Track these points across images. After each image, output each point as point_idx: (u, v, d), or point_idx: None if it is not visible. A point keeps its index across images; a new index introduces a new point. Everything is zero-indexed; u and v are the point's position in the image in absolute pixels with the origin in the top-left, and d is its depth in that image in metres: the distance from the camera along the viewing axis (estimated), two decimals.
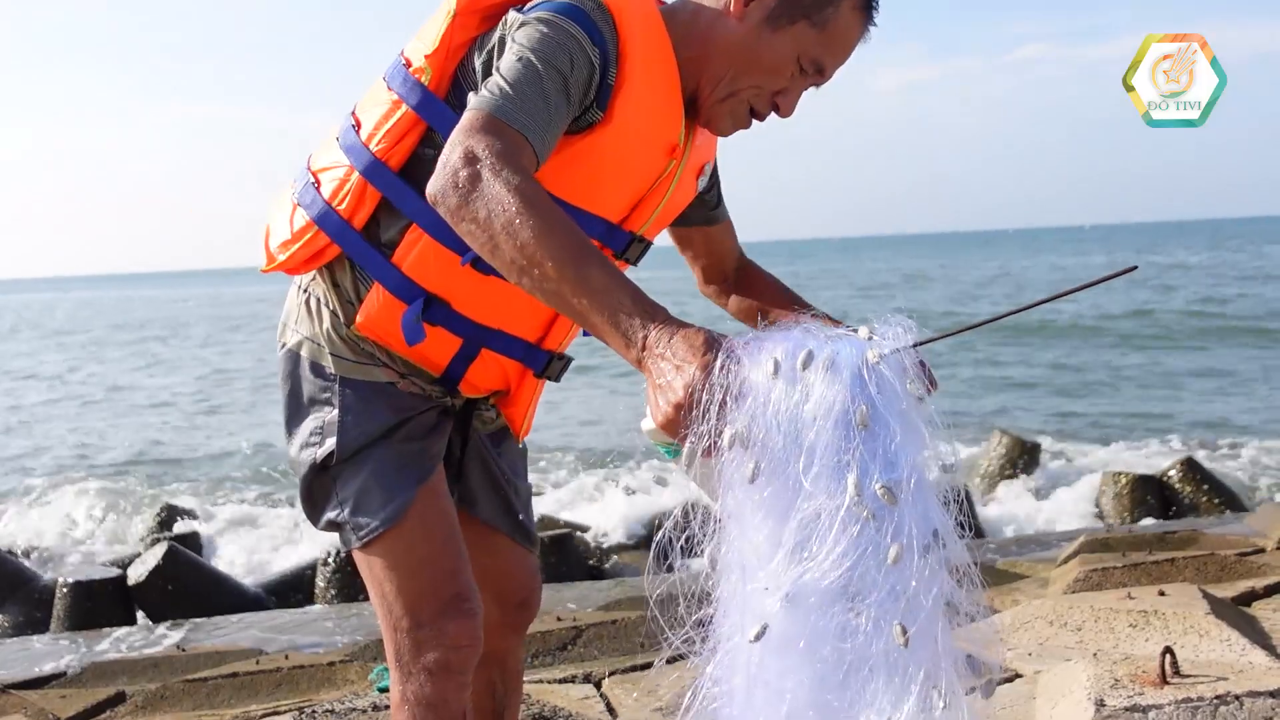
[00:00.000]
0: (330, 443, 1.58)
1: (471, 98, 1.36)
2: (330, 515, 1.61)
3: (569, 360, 1.74)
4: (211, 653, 3.93)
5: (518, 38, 1.41)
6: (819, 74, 1.53)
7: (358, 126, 1.59)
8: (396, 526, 1.56)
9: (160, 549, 5.90)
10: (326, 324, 1.61)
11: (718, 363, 1.08)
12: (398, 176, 1.54)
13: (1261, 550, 4.27)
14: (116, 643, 4.48)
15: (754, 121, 1.58)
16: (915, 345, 1.08)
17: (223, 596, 5.70)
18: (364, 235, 1.57)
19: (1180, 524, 5.74)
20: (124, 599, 5.64)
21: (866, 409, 1.04)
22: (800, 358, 1.06)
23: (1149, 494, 6.80)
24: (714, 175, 1.78)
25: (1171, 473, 6.92)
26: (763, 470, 1.06)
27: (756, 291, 1.86)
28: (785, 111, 1.56)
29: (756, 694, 1.09)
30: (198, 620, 4.90)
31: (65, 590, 5.57)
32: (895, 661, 1.03)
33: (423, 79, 1.53)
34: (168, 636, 4.54)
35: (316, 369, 1.61)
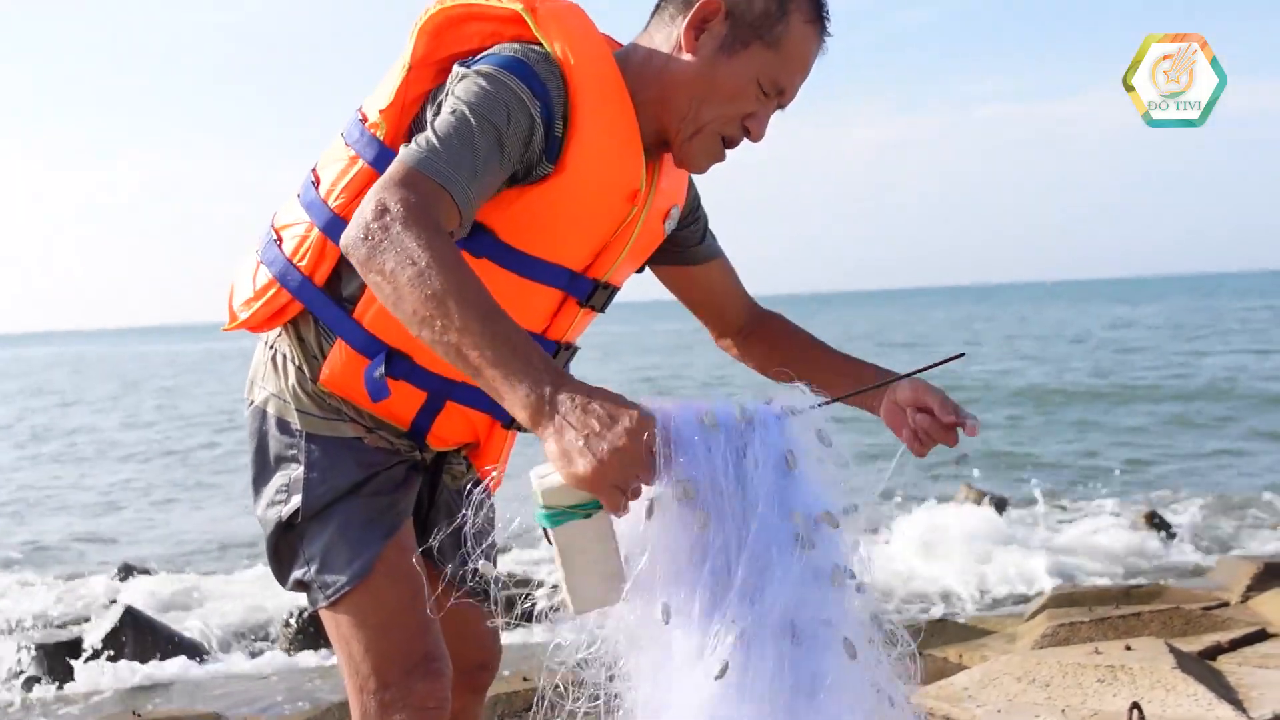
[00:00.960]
0: (295, 500, 1.56)
1: (401, 149, 1.36)
2: (297, 574, 1.58)
3: None
4: (168, 717, 3.83)
5: (456, 91, 1.41)
6: (781, 94, 1.52)
7: (317, 183, 1.59)
8: (363, 584, 1.53)
9: (117, 609, 5.77)
10: (292, 380, 1.60)
11: (653, 416, 1.10)
12: None
13: (1225, 604, 4.31)
14: (71, 706, 4.36)
15: (727, 152, 1.57)
16: (820, 404, 1.21)
17: (182, 656, 5.57)
18: (325, 291, 1.57)
19: (1145, 578, 5.77)
20: (79, 660, 5.50)
21: (794, 453, 1.16)
22: (736, 411, 1.16)
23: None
24: (694, 213, 1.76)
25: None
26: (712, 521, 1.12)
27: (785, 340, 1.81)
28: (756, 135, 1.54)
29: None
30: (155, 680, 4.79)
31: (18, 651, 5.42)
32: (847, 677, 1.14)
33: (378, 134, 1.53)
34: (124, 699, 4.43)
35: (283, 425, 1.60)
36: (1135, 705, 2.35)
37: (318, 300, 1.57)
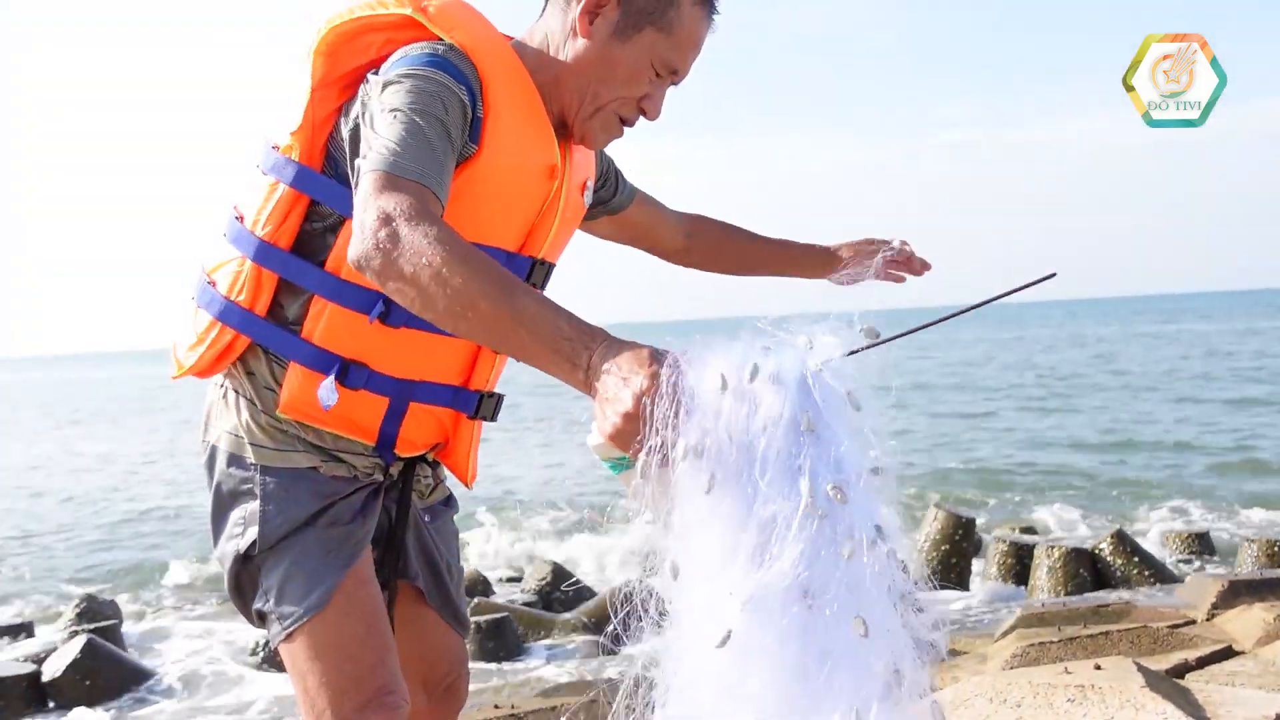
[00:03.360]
0: (252, 532, 1.56)
1: (361, 164, 1.36)
2: (257, 605, 1.57)
3: (500, 397, 1.74)
4: None
5: (386, 100, 1.42)
6: (674, 74, 1.57)
7: (241, 218, 1.61)
8: (320, 615, 1.52)
9: (78, 641, 5.67)
10: (245, 415, 1.60)
11: (664, 373, 1.08)
12: (290, 254, 1.56)
13: (1192, 622, 4.34)
14: None
15: (624, 129, 1.63)
16: (851, 353, 1.13)
17: (144, 690, 5.47)
18: (269, 319, 1.58)
19: (1113, 597, 5.80)
20: (39, 695, 5.39)
21: (812, 416, 1.09)
22: (747, 371, 1.09)
23: (1082, 567, 6.89)
24: (606, 176, 1.84)
25: (1103, 545, 7.03)
26: (717, 480, 1.08)
27: (721, 246, 2.01)
28: (652, 114, 1.60)
29: (724, 701, 1.09)
30: (119, 714, 4.70)
31: None
32: (857, 653, 1.07)
33: (293, 155, 1.55)
34: None
35: (236, 461, 1.59)
36: None
37: (263, 330, 1.58)
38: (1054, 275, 1.26)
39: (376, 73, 1.49)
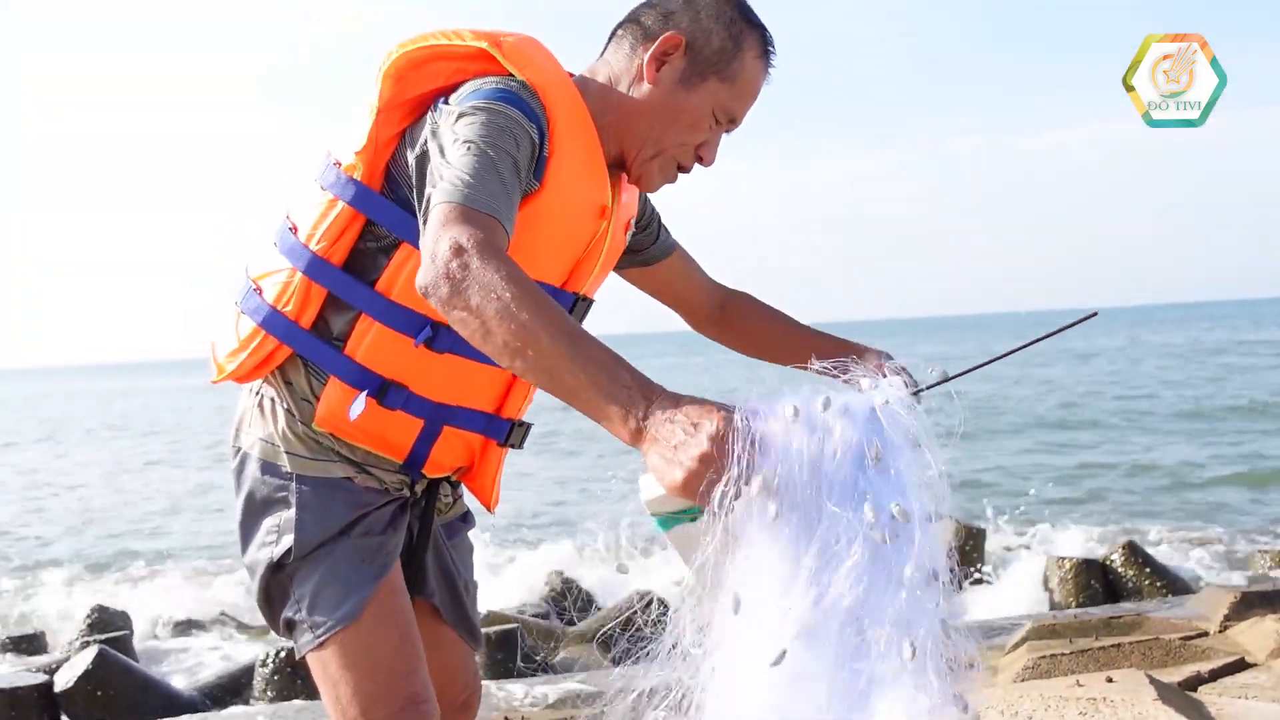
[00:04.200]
0: (287, 540, 1.57)
1: (434, 193, 1.38)
2: (287, 614, 1.58)
3: (529, 426, 1.76)
4: None
5: (460, 131, 1.43)
6: (732, 122, 1.62)
7: (294, 230, 1.62)
8: (353, 625, 1.53)
9: (90, 652, 5.68)
10: (282, 423, 1.61)
11: (737, 415, 1.11)
12: (342, 271, 1.57)
13: (1205, 634, 4.32)
14: None
15: (680, 175, 1.67)
16: (915, 393, 1.19)
17: (156, 702, 5.48)
18: (314, 332, 1.59)
19: (1125, 608, 5.77)
20: (50, 706, 5.40)
21: (880, 446, 1.13)
22: (819, 401, 1.14)
23: (1093, 578, 6.85)
24: (647, 219, 1.85)
25: (1114, 557, 6.99)
26: (784, 509, 1.11)
27: (756, 325, 1.96)
28: (708, 161, 1.65)
29: (768, 715, 1.11)
30: None
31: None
32: (903, 680, 1.10)
33: (355, 175, 1.56)
34: None
35: (271, 469, 1.60)
36: None
37: (307, 342, 1.59)
38: (1095, 314, 1.33)
39: (447, 100, 1.51)
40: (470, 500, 1.86)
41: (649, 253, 1.89)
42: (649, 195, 1.86)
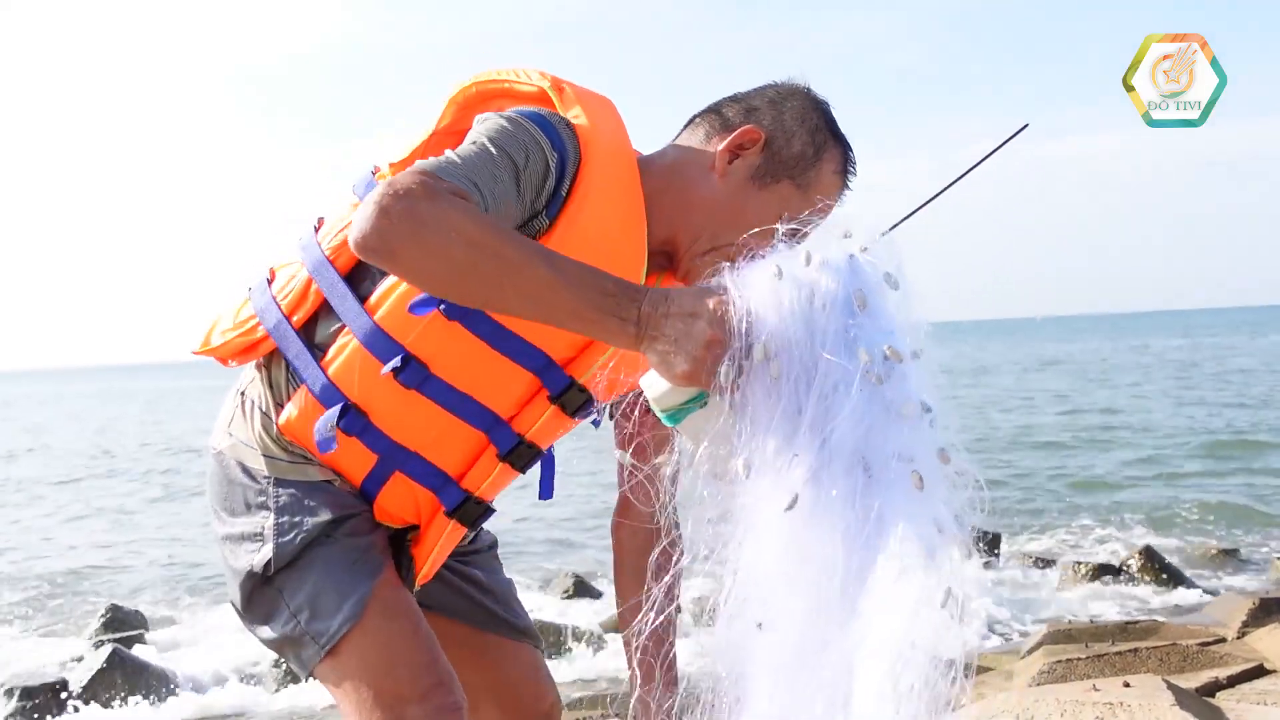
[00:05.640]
0: (267, 550, 1.49)
1: (415, 162, 1.33)
2: (285, 630, 1.50)
3: (489, 510, 1.64)
4: None
5: (477, 129, 1.40)
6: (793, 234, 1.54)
7: (317, 229, 1.59)
8: (359, 625, 1.46)
9: (104, 651, 5.70)
10: (258, 425, 1.55)
11: (729, 295, 1.13)
12: (340, 278, 1.51)
13: (1223, 639, 4.28)
14: None
15: None
16: (885, 233, 1.20)
17: (168, 699, 5.50)
18: (300, 332, 1.54)
19: (1142, 613, 5.74)
20: (64, 704, 5.42)
21: (863, 291, 1.16)
22: (801, 258, 1.17)
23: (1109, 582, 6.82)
24: None
25: (1131, 562, 6.95)
26: (784, 368, 1.14)
27: None
28: None
29: (788, 563, 1.13)
30: None
31: (2, 695, 5.35)
32: (910, 508, 1.12)
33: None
34: None
35: (248, 471, 1.54)
36: None
37: (289, 339, 1.53)
38: (1026, 126, 1.38)
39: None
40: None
41: None
42: None
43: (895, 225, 1.22)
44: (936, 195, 1.37)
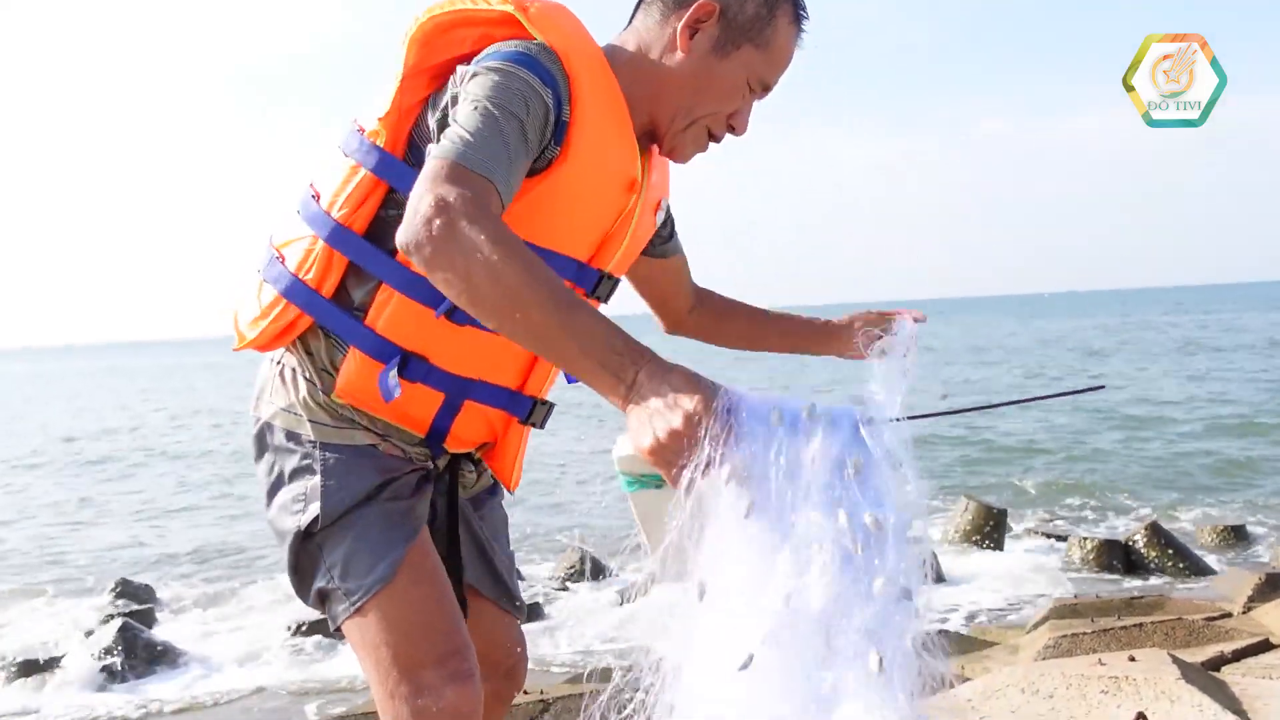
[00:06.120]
0: (313, 508, 1.55)
1: (432, 148, 1.35)
2: (319, 584, 1.57)
3: (552, 406, 1.74)
4: None
5: (470, 89, 1.42)
6: (765, 89, 1.60)
7: (317, 197, 1.60)
8: (388, 587, 1.52)
9: (114, 625, 5.74)
10: (303, 392, 1.60)
11: (719, 400, 1.10)
12: (363, 239, 1.56)
13: (1229, 614, 4.29)
14: (61, 713, 4.33)
15: (711, 145, 1.64)
16: (899, 420, 1.15)
17: (178, 673, 5.54)
18: (334, 301, 1.57)
19: (1148, 588, 5.74)
20: (76, 678, 5.47)
21: (861, 460, 1.12)
22: (804, 409, 1.13)
23: (1115, 559, 6.83)
24: (667, 211, 1.82)
25: (1137, 537, 6.95)
26: (756, 506, 1.09)
27: (729, 313, 2.02)
28: (740, 130, 1.62)
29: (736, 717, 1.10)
30: (153, 698, 4.76)
31: (14, 668, 5.40)
32: (866, 687, 1.09)
33: (378, 141, 1.54)
34: (118, 712, 4.40)
35: (293, 437, 1.59)
36: (1141, 715, 2.33)
37: (328, 311, 1.57)
38: (1102, 387, 1.39)
39: (468, 63, 1.48)
40: None
41: (664, 247, 1.87)
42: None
43: (913, 418, 1.17)
44: (966, 410, 1.33)
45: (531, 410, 1.69)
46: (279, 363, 1.64)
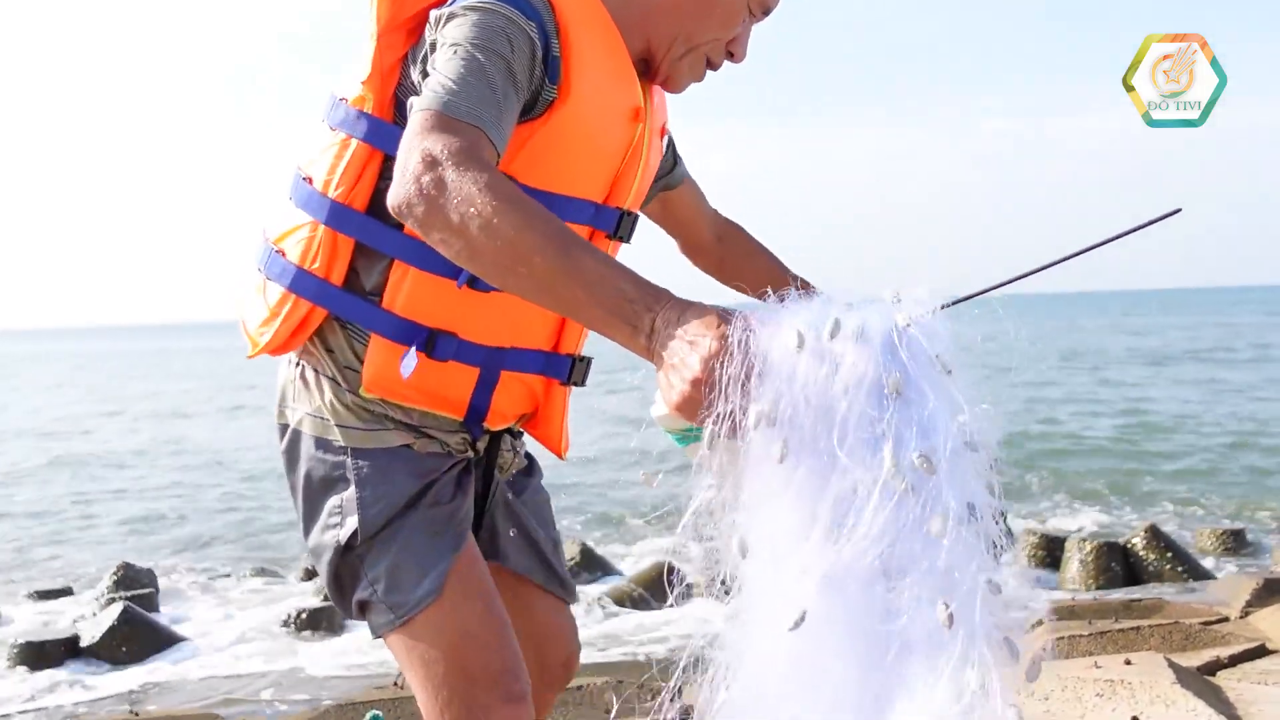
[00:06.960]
0: (351, 521, 1.46)
1: (414, 101, 1.27)
2: (361, 595, 1.47)
3: (589, 360, 1.65)
4: (165, 716, 3.83)
5: (448, 33, 1.33)
6: (765, 12, 1.53)
7: (309, 180, 1.50)
8: (437, 602, 1.43)
9: (116, 608, 5.77)
10: (328, 394, 1.49)
11: (735, 335, 0.99)
12: (367, 216, 1.45)
13: (1225, 619, 4.30)
14: (69, 706, 4.36)
15: (708, 73, 1.57)
16: (944, 306, 1.01)
17: (178, 656, 5.57)
18: (346, 289, 1.47)
19: (1145, 592, 5.75)
20: (76, 660, 5.50)
21: (900, 376, 0.97)
22: (826, 328, 0.98)
23: (1114, 561, 6.83)
24: (669, 141, 1.76)
25: (1136, 540, 6.96)
26: (791, 449, 0.98)
27: (748, 260, 1.91)
28: (739, 57, 1.55)
29: (794, 685, 1.00)
30: (154, 680, 4.78)
31: (16, 651, 5.43)
32: (936, 641, 0.95)
33: (365, 107, 1.46)
34: (122, 698, 4.42)
35: (323, 444, 1.49)
36: None
37: (341, 300, 1.47)
38: (1179, 210, 1.09)
39: (443, 8, 1.38)
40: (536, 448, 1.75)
41: (671, 177, 1.79)
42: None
43: (958, 300, 1.01)
44: (1021, 276, 1.12)
45: (571, 369, 1.60)
46: (298, 364, 1.53)
